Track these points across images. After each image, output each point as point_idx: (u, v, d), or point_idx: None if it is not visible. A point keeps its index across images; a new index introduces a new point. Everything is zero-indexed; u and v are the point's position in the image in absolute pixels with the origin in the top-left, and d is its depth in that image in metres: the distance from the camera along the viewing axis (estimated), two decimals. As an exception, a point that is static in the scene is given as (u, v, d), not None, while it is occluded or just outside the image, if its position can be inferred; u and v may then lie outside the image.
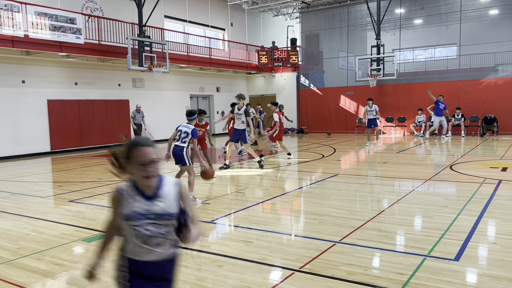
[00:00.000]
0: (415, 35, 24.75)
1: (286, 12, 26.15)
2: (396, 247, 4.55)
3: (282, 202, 6.92)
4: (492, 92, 18.91)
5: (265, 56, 23.04)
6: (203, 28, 22.35)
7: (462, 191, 7.33)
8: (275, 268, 4.00)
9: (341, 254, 4.27)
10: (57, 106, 15.45)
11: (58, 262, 4.26)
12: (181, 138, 6.83)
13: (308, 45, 25.10)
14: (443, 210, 5.95)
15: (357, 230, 5.07)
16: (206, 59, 20.35)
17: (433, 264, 3.93)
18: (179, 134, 6.86)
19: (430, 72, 22.33)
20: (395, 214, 5.88)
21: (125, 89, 18.15)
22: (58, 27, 13.68)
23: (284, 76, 24.49)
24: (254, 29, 25.70)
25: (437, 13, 22.74)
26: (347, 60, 23.68)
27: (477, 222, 5.27)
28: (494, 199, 6.55)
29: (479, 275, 3.73)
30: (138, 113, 16.13)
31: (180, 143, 6.82)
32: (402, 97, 20.85)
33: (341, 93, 22.75)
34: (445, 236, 4.74)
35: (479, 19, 22.69)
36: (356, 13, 23.59)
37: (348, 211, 6.08)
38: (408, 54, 25.38)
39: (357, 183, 8.29)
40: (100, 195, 7.74)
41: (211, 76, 22.72)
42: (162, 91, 19.79)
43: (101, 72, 17.15)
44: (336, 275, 3.74)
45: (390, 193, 7.48)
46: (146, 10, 15.99)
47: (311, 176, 9.52)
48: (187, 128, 6.87)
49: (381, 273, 3.77)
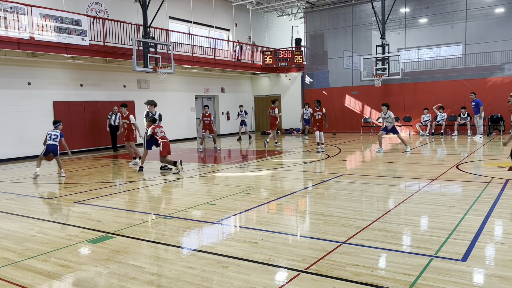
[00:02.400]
0: (420, 34, 24.63)
1: (291, 12, 26.13)
2: (402, 248, 4.52)
3: (287, 202, 6.90)
4: (498, 91, 18.75)
5: (270, 56, 23.02)
6: (207, 29, 22.38)
7: (469, 190, 7.27)
8: (280, 269, 3.98)
9: (347, 255, 4.24)
10: (63, 107, 15.53)
11: (64, 264, 4.27)
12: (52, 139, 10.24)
13: (312, 45, 25.05)
14: (449, 210, 5.90)
15: (363, 230, 5.04)
16: (211, 60, 20.38)
17: (440, 265, 3.90)
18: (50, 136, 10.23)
19: (436, 71, 22.22)
20: (401, 214, 5.84)
21: (130, 90, 18.21)
22: (63, 29, 13.75)
23: (289, 76, 24.46)
24: (258, 29, 25.70)
25: (442, 12, 22.61)
26: (352, 60, 23.61)
27: (484, 222, 5.22)
28: (501, 198, 6.49)
29: (486, 275, 3.69)
30: (114, 115, 16.02)
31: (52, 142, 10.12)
32: (408, 96, 20.76)
33: (346, 93, 22.69)
34: (452, 236, 4.70)
35: (485, 18, 22.53)
36: (361, 12, 23.51)
37: (354, 211, 6.05)
38: (414, 53, 25.26)
39: (363, 183, 8.25)
40: (106, 196, 7.76)
41: (216, 76, 22.75)
42: (167, 92, 19.84)
43: (106, 74, 17.23)
44: (342, 276, 3.71)
45: (396, 193, 7.44)
46: (151, 11, 16.03)
47: (316, 176, 9.49)
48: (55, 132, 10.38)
49: (388, 274, 3.74)
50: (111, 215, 6.26)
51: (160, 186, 8.85)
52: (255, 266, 4.02)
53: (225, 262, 4.15)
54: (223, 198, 7.22)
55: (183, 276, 3.84)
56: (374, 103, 21.74)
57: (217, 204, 6.74)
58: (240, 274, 3.84)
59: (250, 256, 4.29)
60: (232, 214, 6.12)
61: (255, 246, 4.60)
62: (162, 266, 4.12)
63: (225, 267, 4.02)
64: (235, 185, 8.54)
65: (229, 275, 3.82)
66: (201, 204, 6.83)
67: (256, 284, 3.61)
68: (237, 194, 7.47)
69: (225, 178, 9.46)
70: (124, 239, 5.04)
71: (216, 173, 10.25)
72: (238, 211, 6.32)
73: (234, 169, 10.70)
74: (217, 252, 4.46)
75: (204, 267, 4.04)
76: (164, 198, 7.69)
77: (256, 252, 4.42)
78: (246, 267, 4.02)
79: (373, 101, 21.84)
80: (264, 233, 5.08)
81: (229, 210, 6.34)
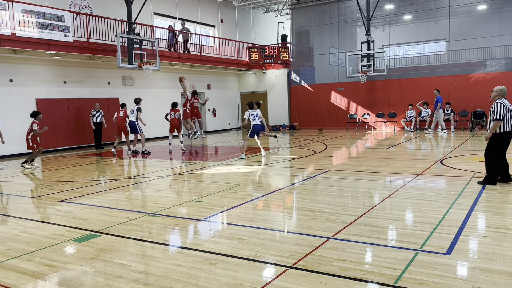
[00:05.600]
0: (405, 30, 24.87)
1: (276, 9, 26.11)
2: (388, 242, 4.57)
3: (274, 198, 6.91)
4: (481, 87, 19.09)
5: (256, 53, 22.99)
6: (193, 25, 22.24)
7: (453, 185, 7.39)
8: (268, 265, 3.99)
9: (334, 250, 4.27)
10: (46, 105, 15.28)
11: (48, 263, 4.21)
12: None
13: (298, 42, 25.09)
14: (434, 204, 5.99)
15: (349, 225, 5.08)
16: (197, 56, 20.26)
17: (425, 258, 3.95)
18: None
19: (420, 68, 22.47)
20: (387, 209, 5.90)
21: (115, 87, 18.01)
22: (46, 25, 13.51)
23: (275, 73, 24.48)
24: (244, 26, 25.63)
25: (426, 9, 22.87)
26: (337, 56, 23.73)
27: (468, 216, 5.31)
28: (484, 193, 6.61)
29: (470, 268, 3.76)
30: (97, 112, 15.89)
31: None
32: (393, 92, 20.97)
33: (332, 89, 22.82)
34: (437, 230, 4.77)
35: (468, 15, 22.86)
36: (346, 9, 23.62)
37: (340, 206, 6.10)
38: (398, 50, 25.50)
39: (349, 179, 8.32)
40: (91, 194, 7.67)
41: (201, 73, 22.63)
42: (153, 88, 19.67)
43: (90, 70, 17.00)
44: (329, 271, 3.74)
45: (382, 188, 7.52)
46: (135, 7, 15.86)
47: (303, 172, 9.53)
48: None
49: (374, 268, 3.78)
50: (97, 214, 6.19)
51: (146, 183, 8.79)
52: (243, 263, 4.03)
53: (212, 259, 4.15)
54: (210, 195, 7.20)
55: (170, 273, 3.82)
56: (360, 99, 21.92)
57: (204, 201, 6.72)
58: (227, 271, 3.83)
59: (237, 253, 4.29)
60: (219, 211, 6.11)
61: (242, 243, 4.60)
62: (149, 264, 4.09)
63: (213, 264, 4.01)
64: (222, 182, 8.52)
65: (217, 272, 3.82)
66: (188, 201, 6.80)
67: (244, 280, 3.62)
68: (224, 191, 7.46)
69: (212, 175, 9.44)
70: (110, 237, 4.99)
71: (203, 170, 10.21)
72: (225, 208, 6.31)
73: (221, 166, 10.67)
74: (204, 249, 4.45)
75: (191, 265, 4.02)
76: (151, 195, 7.64)
77: (243, 248, 4.42)
78: (234, 263, 4.02)
79: (359, 97, 22.02)
80: (251, 230, 5.09)
81: (216, 207, 6.32)
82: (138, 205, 6.87)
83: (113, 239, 4.91)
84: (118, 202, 7.12)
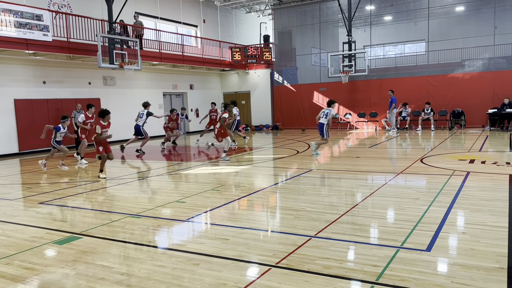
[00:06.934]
0: (385, 31, 25.19)
1: (259, 9, 26.15)
2: (370, 240, 4.63)
3: (258, 198, 6.93)
4: (459, 86, 19.50)
5: (239, 53, 22.98)
6: (175, 25, 22.11)
7: (433, 183, 7.52)
8: (252, 264, 4.00)
9: (316, 248, 4.31)
10: (25, 105, 14.98)
11: (28, 266, 4.13)
12: None
13: (281, 42, 25.19)
14: (414, 202, 6.10)
15: (332, 224, 5.13)
16: (179, 56, 20.15)
17: (406, 255, 4.02)
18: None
19: (400, 68, 22.80)
20: (369, 207, 5.98)
21: (96, 87, 17.77)
22: (24, 24, 13.24)
23: (258, 73, 24.51)
24: (226, 26, 25.60)
25: (406, 10, 23.22)
26: (319, 57, 23.90)
27: (447, 213, 5.42)
28: (463, 190, 6.75)
29: (450, 264, 3.84)
30: (78, 113, 15.62)
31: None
32: (374, 92, 21.23)
33: (315, 89, 22.98)
34: (417, 228, 4.86)
35: (446, 16, 23.29)
36: (328, 9, 23.82)
37: (323, 205, 6.15)
38: (379, 50, 25.81)
39: (331, 178, 8.39)
40: (72, 196, 7.55)
41: (184, 73, 22.51)
42: (134, 89, 19.48)
43: (70, 70, 16.74)
44: (312, 269, 3.77)
45: (364, 186, 7.61)
46: (117, 7, 15.68)
47: (286, 172, 9.58)
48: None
49: (356, 266, 3.83)
50: (78, 215, 6.10)
51: (129, 184, 8.70)
52: (226, 263, 4.03)
53: (196, 260, 4.13)
54: (193, 195, 7.17)
55: (153, 274, 3.80)
56: (342, 99, 22.11)
57: (187, 202, 6.69)
58: (211, 271, 3.83)
59: (221, 253, 4.29)
60: (203, 212, 6.10)
61: (226, 243, 4.60)
62: (131, 266, 4.06)
63: (196, 265, 4.00)
64: (205, 182, 8.50)
65: (200, 272, 3.81)
66: (171, 202, 6.76)
67: (228, 280, 3.62)
68: (208, 192, 7.44)
69: (195, 176, 9.40)
70: (91, 239, 4.93)
71: (186, 171, 10.16)
72: (209, 208, 6.29)
73: (204, 167, 10.64)
74: (187, 250, 4.43)
75: (174, 265, 4.01)
76: (133, 196, 7.56)
77: (227, 248, 4.42)
78: (217, 263, 4.02)
79: (341, 97, 22.20)
80: (235, 230, 5.09)
81: (199, 208, 6.30)
82: (120, 206, 6.80)
83: (95, 241, 4.85)
84: (100, 203, 7.03)
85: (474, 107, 19.01)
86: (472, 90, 19.10)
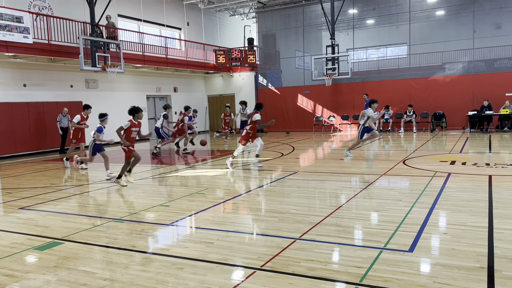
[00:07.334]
0: (368, 35, 25.49)
1: (243, 12, 26.20)
2: (354, 241, 4.67)
3: (242, 201, 6.92)
4: (440, 89, 19.84)
5: (223, 56, 22.97)
6: (158, 27, 21.98)
7: (415, 184, 7.63)
8: (236, 267, 3.99)
9: (301, 251, 4.33)
10: (4, 109, 14.68)
11: (8, 273, 4.04)
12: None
13: (265, 45, 25.27)
14: (397, 203, 6.17)
15: (316, 226, 5.16)
16: (163, 59, 20.03)
17: (389, 256, 4.07)
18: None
19: (383, 71, 23.10)
20: (352, 209, 6.03)
21: (77, 90, 17.53)
22: (3, 26, 13.00)
23: (242, 76, 24.53)
24: (210, 28, 25.56)
25: (388, 14, 23.54)
26: (303, 60, 24.04)
27: (429, 214, 5.51)
28: (444, 191, 6.86)
29: (432, 264, 3.89)
30: (64, 117, 15.41)
31: None
32: (357, 95, 21.43)
33: (299, 92, 23.11)
34: (400, 229, 4.92)
35: (427, 20, 23.71)
36: (311, 13, 24.01)
37: (307, 207, 6.18)
38: (362, 54, 26.09)
39: (316, 180, 8.44)
40: (53, 200, 7.43)
41: (168, 76, 22.39)
42: (117, 92, 19.28)
43: (51, 73, 16.48)
44: (296, 272, 3.78)
45: (347, 188, 7.67)
46: (99, 9, 15.52)
47: (271, 174, 9.59)
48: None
49: (340, 267, 3.86)
50: (60, 221, 6.00)
51: (112, 188, 8.59)
52: (211, 266, 4.01)
53: (180, 264, 4.11)
54: (177, 199, 7.13)
55: (137, 279, 3.76)
56: (325, 102, 22.30)
57: (171, 206, 6.64)
58: (195, 275, 3.81)
59: (205, 257, 4.27)
60: (187, 215, 6.06)
61: (210, 246, 4.58)
62: (114, 271, 4.00)
63: (180, 269, 3.97)
64: (190, 185, 8.46)
65: (184, 277, 3.78)
66: (154, 206, 6.70)
67: (212, 284, 3.60)
68: (192, 195, 7.40)
69: (180, 179, 9.34)
70: (73, 244, 4.86)
71: (170, 174, 10.09)
72: (193, 211, 6.26)
73: (189, 170, 10.59)
74: (171, 254, 4.40)
75: (158, 270, 3.97)
76: (116, 201, 7.48)
77: (211, 252, 4.40)
78: (202, 267, 4.00)
79: (324, 100, 22.40)
80: (219, 233, 5.07)
81: (183, 211, 6.26)
82: (103, 210, 6.71)
83: (77, 246, 4.78)
84: (82, 208, 6.93)
85: (454, 109, 19.37)
86: (453, 92, 19.46)
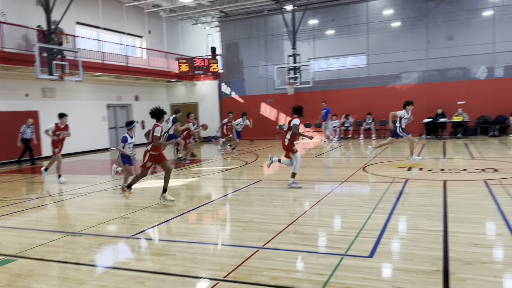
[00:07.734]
0: (328, 44, 26.06)
1: (205, 21, 26.18)
2: (316, 249, 4.72)
3: (206, 211, 6.86)
4: (397, 97, 20.47)
5: (186, 64, 22.82)
6: (119, 35, 21.57)
7: (375, 190, 7.83)
8: (199, 279, 3.95)
9: (264, 260, 4.33)
10: (-47, 119, 13.91)
11: (-45, 294, 3.81)
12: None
13: (228, 54, 25.32)
14: (358, 209, 6.31)
15: (279, 234, 5.18)
16: (123, 67, 19.65)
17: (350, 262, 4.14)
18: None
19: (343, 80, 23.63)
20: (315, 216, 6.11)
21: (33, 99, 16.87)
22: (-48, 32, 12.35)
23: (205, 84, 24.44)
24: (173, 37, 25.36)
25: (347, 24, 24.17)
26: (266, 69, 24.26)
27: (388, 219, 5.66)
28: (402, 197, 7.08)
29: (391, 269, 4.00)
30: (28, 128, 14.81)
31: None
32: (319, 104, 21.77)
33: (262, 101, 23.27)
34: (360, 235, 5.02)
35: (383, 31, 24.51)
36: (273, 23, 24.32)
37: (271, 216, 6.20)
38: (322, 63, 26.62)
39: (279, 188, 8.49)
40: (7, 215, 7.08)
41: (129, 84, 21.97)
42: (76, 100, 18.70)
43: (5, 82, 15.79)
44: (259, 281, 3.78)
45: (310, 196, 7.76)
46: (56, 16, 15.06)
47: (235, 183, 9.57)
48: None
49: (303, 275, 3.89)
50: (12, 236, 5.72)
51: (69, 201, 8.29)
52: (173, 279, 3.94)
53: (141, 278, 4.01)
54: (138, 211, 6.97)
55: (96, 296, 3.64)
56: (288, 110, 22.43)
57: (132, 218, 6.49)
58: (157, 289, 3.73)
59: (167, 269, 4.19)
60: (149, 227, 5.94)
61: (172, 258, 4.50)
62: (71, 287, 3.85)
63: (141, 283, 3.88)
64: (151, 196, 8.28)
65: (146, 291, 3.69)
66: (114, 218, 6.52)
67: (174, 297, 3.54)
68: (154, 206, 7.26)
69: (141, 190, 9.14)
70: (27, 261, 4.64)
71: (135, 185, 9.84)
72: (155, 223, 6.14)
73: (151, 180, 10.39)
74: (132, 268, 4.29)
75: (118, 284, 3.86)
76: (74, 214, 7.22)
77: (173, 264, 4.33)
78: (163, 280, 3.92)
79: (287, 108, 22.57)
80: (182, 244, 5.00)
81: (144, 223, 6.13)
82: (60, 224, 6.46)
83: (31, 263, 4.57)
84: (37, 222, 6.64)
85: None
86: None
